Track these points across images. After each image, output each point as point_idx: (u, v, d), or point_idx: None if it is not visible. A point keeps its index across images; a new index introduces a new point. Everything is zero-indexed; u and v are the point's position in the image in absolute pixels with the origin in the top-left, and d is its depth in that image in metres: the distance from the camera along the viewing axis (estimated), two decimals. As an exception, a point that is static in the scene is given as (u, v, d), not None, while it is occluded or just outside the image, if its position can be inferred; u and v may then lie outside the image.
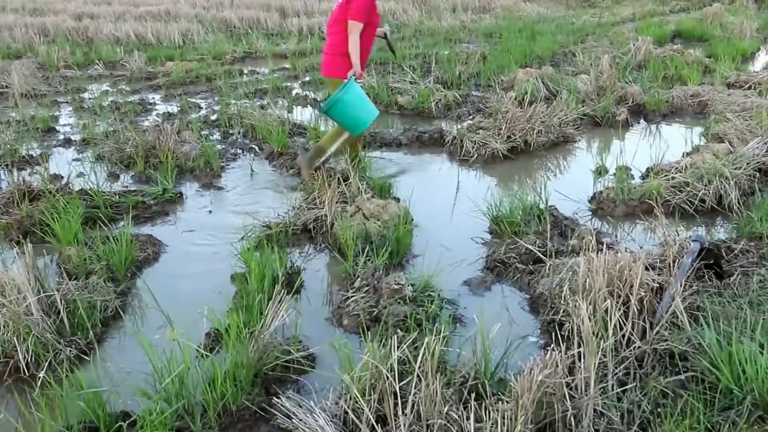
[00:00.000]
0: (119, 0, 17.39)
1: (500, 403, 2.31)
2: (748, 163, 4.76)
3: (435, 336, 2.48)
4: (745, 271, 3.46)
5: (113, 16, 14.54)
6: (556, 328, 3.02)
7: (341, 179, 4.55)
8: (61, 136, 6.58)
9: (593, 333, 2.67)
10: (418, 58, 9.18)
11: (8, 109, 7.68)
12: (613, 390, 2.52)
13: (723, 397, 2.46)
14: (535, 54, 9.13)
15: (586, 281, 2.92)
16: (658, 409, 2.45)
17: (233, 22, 13.59)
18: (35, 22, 13.50)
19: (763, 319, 2.85)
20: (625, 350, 2.78)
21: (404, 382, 2.38)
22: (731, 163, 4.71)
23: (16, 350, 2.90)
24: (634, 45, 8.92)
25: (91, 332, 3.13)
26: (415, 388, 2.35)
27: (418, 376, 2.39)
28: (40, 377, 2.62)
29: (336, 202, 4.25)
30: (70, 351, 3.00)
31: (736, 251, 3.66)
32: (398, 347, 2.46)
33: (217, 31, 12.84)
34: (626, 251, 3.14)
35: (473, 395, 2.45)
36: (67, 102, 8.01)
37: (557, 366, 2.36)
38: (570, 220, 4.25)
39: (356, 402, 2.37)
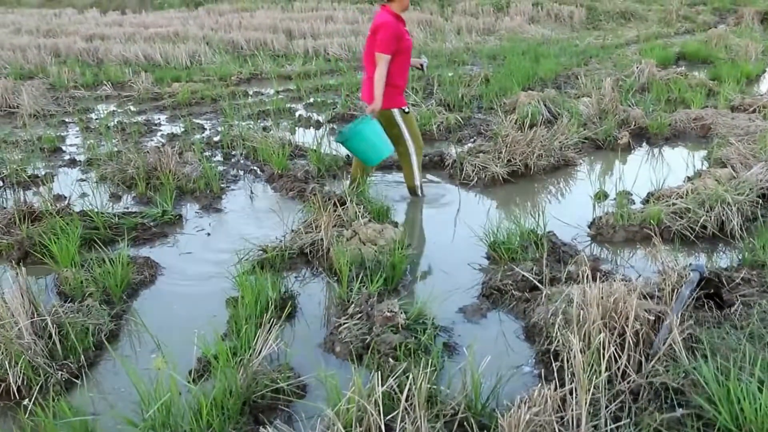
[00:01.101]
0: (130, 22, 17.68)
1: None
2: (751, 189, 4.71)
3: (422, 369, 2.44)
4: (746, 301, 3.39)
5: (123, 37, 14.74)
6: (551, 358, 2.98)
7: (338, 203, 4.54)
8: (67, 157, 6.63)
9: (588, 366, 2.63)
10: (421, 80, 9.21)
11: (17, 129, 7.76)
12: (606, 426, 2.47)
13: (721, 436, 2.41)
14: (538, 76, 9.14)
15: (580, 313, 2.88)
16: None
17: (240, 44, 13.73)
18: (48, 43, 13.72)
19: (764, 353, 2.80)
20: (620, 384, 2.73)
21: (390, 416, 2.34)
22: (734, 189, 4.66)
23: (8, 374, 2.89)
24: (637, 67, 8.92)
25: (82, 356, 3.11)
26: (402, 422, 2.31)
27: (405, 409, 2.36)
28: (24, 404, 2.60)
29: (333, 226, 4.24)
30: (61, 375, 2.99)
31: (737, 280, 3.60)
32: (385, 380, 2.43)
33: (224, 53, 12.97)
34: (622, 281, 3.10)
35: (467, 428, 2.42)
36: (74, 122, 8.08)
37: (547, 402, 2.31)
38: (568, 246, 4.21)
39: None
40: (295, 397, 2.83)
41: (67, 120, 8.30)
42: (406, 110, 4.90)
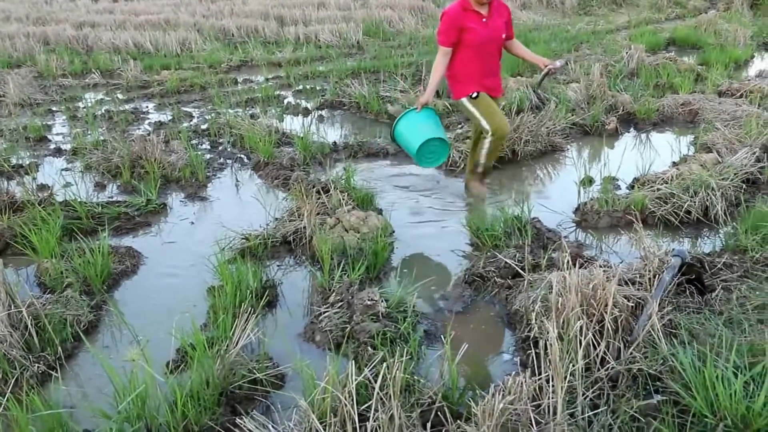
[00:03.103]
0: (121, 9, 17.49)
1: (466, 426, 2.27)
2: (735, 174, 4.70)
3: (398, 358, 2.43)
4: (727, 286, 3.39)
5: (114, 24, 14.60)
6: (531, 345, 2.97)
7: (322, 191, 4.52)
8: (52, 146, 6.58)
9: (565, 353, 2.63)
10: (411, 66, 9.15)
11: (2, 118, 7.69)
12: (583, 413, 2.46)
13: (697, 421, 2.41)
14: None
15: (559, 300, 2.87)
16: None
17: (231, 31, 13.61)
18: (37, 31, 13.58)
19: (743, 338, 2.80)
20: (598, 371, 2.73)
21: (365, 406, 2.34)
22: (718, 174, 4.65)
23: (-16, 367, 2.88)
24: (626, 53, 8.87)
25: (59, 348, 3.10)
26: (376, 412, 2.30)
27: (381, 399, 2.35)
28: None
29: (317, 214, 4.22)
30: (38, 368, 2.97)
31: (719, 265, 3.59)
32: (362, 370, 2.42)
33: (215, 40, 12.86)
34: (601, 268, 3.09)
35: (444, 418, 2.41)
36: (61, 111, 8.02)
37: (522, 390, 2.30)
38: (553, 232, 4.20)
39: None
40: (274, 388, 2.82)
41: (53, 109, 8.23)
42: (474, 95, 4.52)
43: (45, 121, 7.51)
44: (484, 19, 4.34)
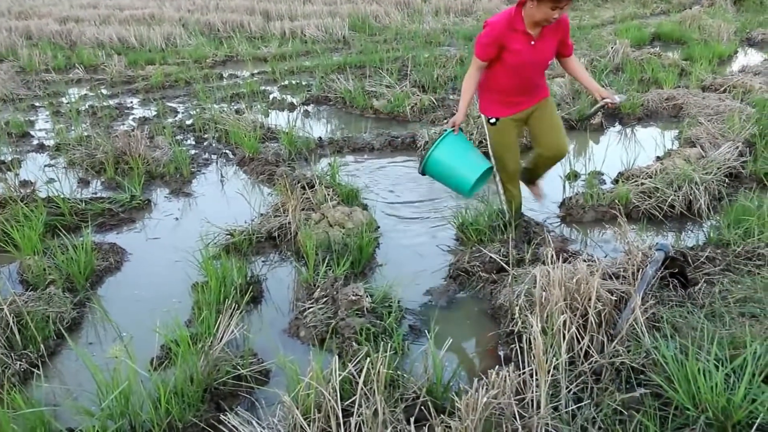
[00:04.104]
0: (105, 4, 17.34)
1: (450, 421, 2.27)
2: (719, 168, 4.73)
3: (382, 353, 2.43)
4: (710, 280, 3.42)
5: (98, 19, 14.46)
6: (515, 340, 2.98)
7: (306, 186, 4.51)
8: (35, 142, 6.52)
9: (549, 347, 2.64)
10: (396, 61, 9.14)
11: (-17, 114, 7.61)
12: (567, 407, 2.47)
13: (680, 414, 2.43)
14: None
15: (542, 295, 2.88)
16: (615, 427, 2.40)
17: (217, 26, 13.53)
18: (19, 25, 13.44)
19: (724, 331, 2.82)
20: (582, 365, 2.74)
21: (349, 401, 2.34)
22: (702, 168, 4.68)
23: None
24: (612, 48, 8.91)
25: (42, 346, 3.07)
26: (360, 407, 2.30)
27: (365, 394, 2.35)
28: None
29: (302, 210, 4.20)
30: (20, 366, 2.95)
31: (701, 259, 3.62)
32: (345, 366, 2.42)
33: (200, 35, 12.77)
34: (585, 262, 3.10)
35: (428, 411, 2.42)
36: (44, 106, 7.94)
37: (506, 384, 2.31)
38: (538, 226, 4.22)
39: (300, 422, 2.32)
40: (258, 384, 2.82)
41: (36, 104, 8.15)
42: (492, 121, 3.90)
43: (27, 117, 7.44)
44: (532, 42, 3.62)
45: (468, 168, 3.91)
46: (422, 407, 2.47)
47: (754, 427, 2.21)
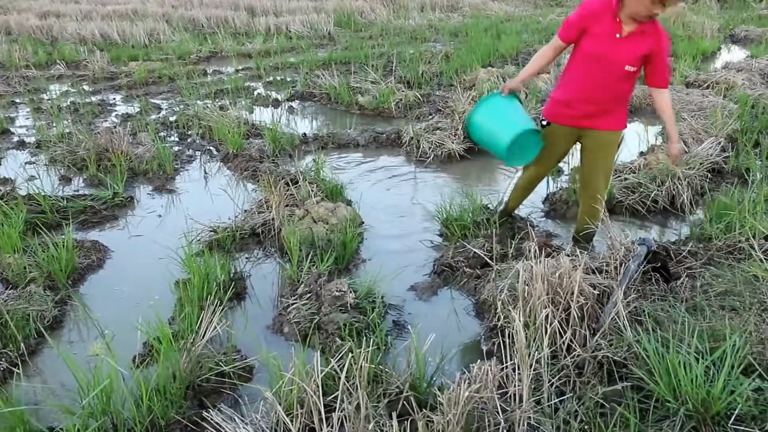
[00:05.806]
0: (86, -2, 17.17)
1: (433, 415, 2.27)
2: (701, 164, 4.78)
3: (365, 349, 2.43)
4: (692, 274, 3.45)
5: (80, 14, 14.31)
6: (499, 334, 2.99)
7: (290, 182, 4.49)
8: (16, 139, 6.43)
9: (532, 341, 2.65)
10: (382, 57, 9.12)
11: (-38, 110, 7.50)
12: (549, 400, 2.48)
13: (660, 406, 2.45)
14: (500, 53, 9.11)
15: (525, 289, 2.89)
16: (596, 420, 2.42)
17: (201, 21, 13.44)
18: (-1, 20, 13.27)
19: (705, 324, 2.84)
20: (565, 359, 2.75)
21: (332, 396, 2.33)
22: (685, 164, 4.72)
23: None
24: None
25: (22, 344, 3.04)
26: (343, 403, 2.29)
27: (348, 389, 2.34)
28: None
29: (285, 206, 4.19)
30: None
31: (684, 253, 3.65)
32: (328, 362, 2.41)
33: (184, 31, 12.69)
34: (568, 257, 3.11)
35: (411, 406, 2.42)
36: (24, 103, 7.84)
37: (488, 378, 2.32)
38: (523, 221, 4.23)
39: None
40: (241, 380, 2.80)
41: (17, 101, 8.04)
42: (544, 123, 3.71)
43: (7, 114, 7.34)
44: (618, 35, 3.28)
45: (508, 128, 3.52)
46: (405, 402, 2.47)
47: (732, 418, 2.23)
